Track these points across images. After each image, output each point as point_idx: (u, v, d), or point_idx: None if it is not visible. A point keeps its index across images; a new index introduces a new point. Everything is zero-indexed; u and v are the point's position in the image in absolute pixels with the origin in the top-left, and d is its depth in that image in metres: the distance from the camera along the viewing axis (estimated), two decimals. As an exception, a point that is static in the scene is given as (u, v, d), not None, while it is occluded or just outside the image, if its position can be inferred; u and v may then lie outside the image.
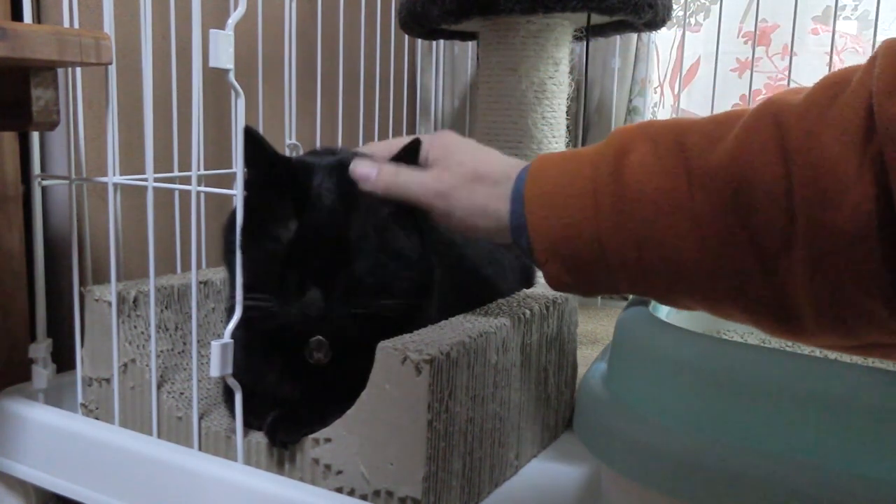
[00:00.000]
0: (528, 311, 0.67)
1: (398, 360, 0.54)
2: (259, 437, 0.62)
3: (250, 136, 0.58)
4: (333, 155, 0.64)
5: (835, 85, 0.42)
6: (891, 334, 0.43)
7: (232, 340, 0.60)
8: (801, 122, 0.42)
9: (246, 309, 0.59)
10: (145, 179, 0.68)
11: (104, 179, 0.71)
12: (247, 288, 0.59)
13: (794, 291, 0.44)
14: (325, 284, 0.57)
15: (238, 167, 0.60)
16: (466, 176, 0.56)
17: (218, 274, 0.82)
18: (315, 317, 0.56)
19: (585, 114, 1.35)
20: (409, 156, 0.61)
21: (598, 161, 0.50)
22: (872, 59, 0.41)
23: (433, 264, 0.63)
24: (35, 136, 0.77)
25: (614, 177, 0.49)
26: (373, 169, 0.59)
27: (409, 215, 0.61)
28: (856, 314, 0.43)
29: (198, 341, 0.68)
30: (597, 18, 0.98)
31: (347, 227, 0.58)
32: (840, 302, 0.43)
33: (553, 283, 0.54)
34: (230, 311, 0.60)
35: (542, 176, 0.53)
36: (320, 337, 0.60)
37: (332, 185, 0.59)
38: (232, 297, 0.60)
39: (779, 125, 0.43)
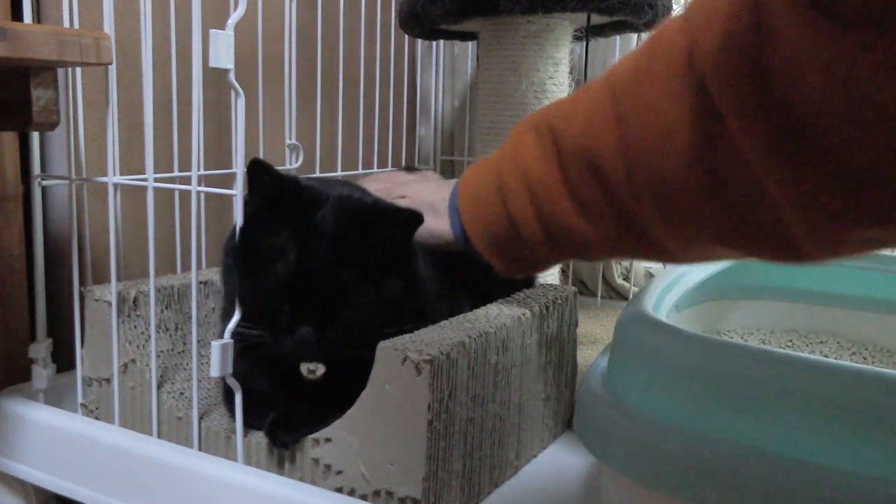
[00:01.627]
0: (528, 311, 0.67)
1: (398, 360, 0.54)
2: (259, 437, 0.62)
3: (259, 168, 0.58)
4: (339, 187, 0.64)
5: (653, 40, 0.45)
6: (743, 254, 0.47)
7: (231, 340, 0.60)
8: (628, 85, 0.46)
9: (240, 336, 0.59)
10: (145, 179, 0.68)
11: (104, 179, 0.71)
12: (241, 316, 0.59)
13: (659, 241, 0.49)
14: (317, 323, 0.57)
15: (238, 167, 0.60)
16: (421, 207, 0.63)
17: (218, 274, 0.82)
18: (306, 354, 0.57)
19: (585, 114, 1.35)
20: (405, 225, 0.60)
21: (500, 161, 0.57)
22: (685, 11, 0.44)
23: (426, 298, 0.64)
24: (35, 136, 0.77)
25: (513, 171, 0.55)
26: None
27: (406, 257, 0.61)
28: (705, 252, 0.49)
29: (198, 341, 0.68)
30: (597, 18, 0.98)
31: (345, 268, 0.57)
32: (692, 244, 0.47)
33: (503, 272, 0.61)
34: (225, 314, 0.60)
35: (466, 188, 0.61)
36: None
37: (333, 222, 0.58)
38: (227, 300, 0.61)
39: (613, 94, 0.47)
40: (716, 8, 0.39)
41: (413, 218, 0.59)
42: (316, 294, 0.57)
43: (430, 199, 0.65)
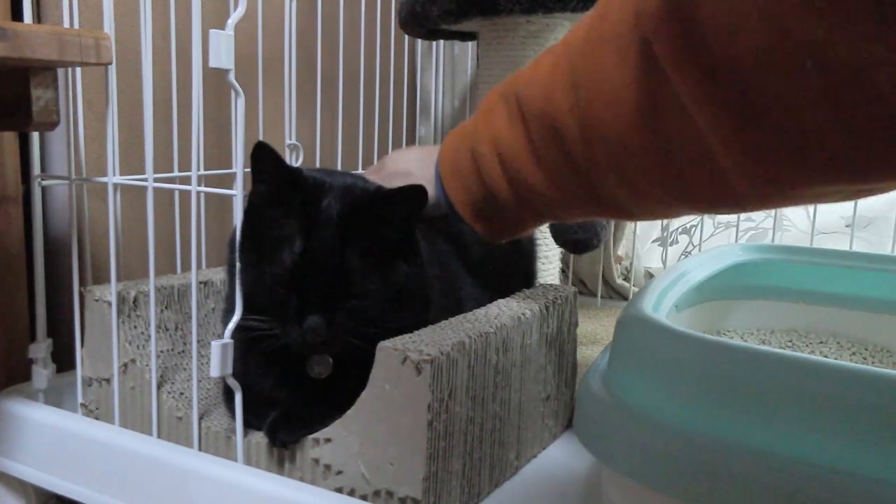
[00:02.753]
0: (528, 311, 0.67)
1: (398, 360, 0.54)
2: (259, 437, 0.62)
3: (264, 151, 0.57)
4: (341, 176, 0.64)
5: (605, 2, 0.47)
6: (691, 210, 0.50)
7: (232, 340, 0.60)
8: (582, 48, 0.48)
9: (245, 329, 0.59)
10: (145, 179, 0.68)
11: (104, 179, 0.71)
12: (245, 307, 0.59)
13: (618, 200, 0.50)
14: (325, 311, 0.57)
15: (238, 167, 0.60)
16: (398, 175, 0.65)
17: (218, 274, 0.82)
18: (315, 343, 0.57)
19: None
20: (411, 200, 0.60)
21: (474, 129, 0.59)
22: None
23: (431, 285, 0.64)
24: (35, 136, 0.77)
25: (484, 137, 0.57)
26: None
27: (412, 243, 0.61)
28: (660, 209, 0.50)
29: (198, 341, 0.68)
30: (597, 18, 0.98)
31: (352, 255, 0.57)
32: (646, 201, 0.49)
33: (485, 237, 0.61)
34: (227, 314, 0.60)
35: (446, 157, 0.61)
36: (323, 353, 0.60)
37: (339, 210, 0.58)
38: (229, 301, 0.60)
39: (569, 58, 0.49)
40: None
41: (418, 193, 0.59)
42: (323, 282, 0.57)
43: (406, 167, 0.66)
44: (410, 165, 0.65)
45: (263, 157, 0.58)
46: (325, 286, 0.57)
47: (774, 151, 0.37)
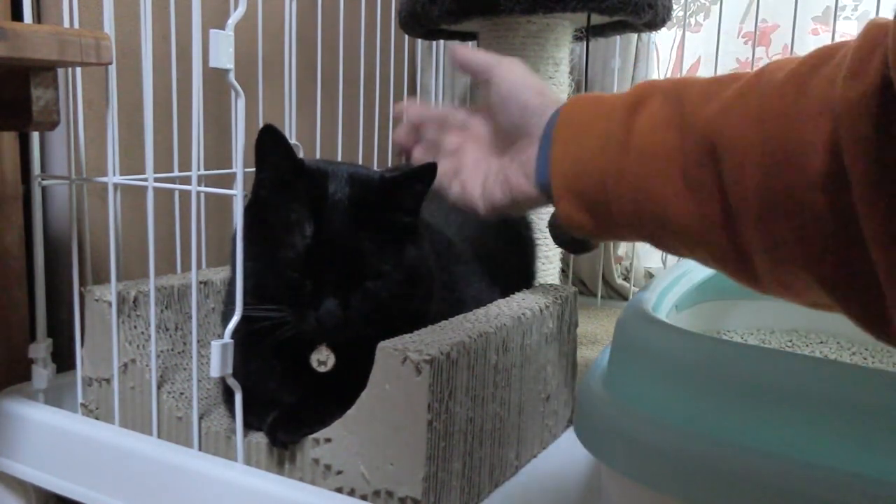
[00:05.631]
0: (528, 311, 0.67)
1: (398, 360, 0.54)
2: (259, 437, 0.62)
3: (272, 134, 0.57)
4: (343, 165, 0.64)
5: (818, 58, 0.44)
6: (832, 303, 0.46)
7: (231, 341, 0.59)
8: (780, 92, 0.44)
9: (253, 319, 0.58)
10: (145, 179, 0.68)
11: (104, 179, 0.71)
12: (254, 297, 0.58)
13: (749, 252, 0.46)
14: (341, 294, 0.57)
15: (238, 167, 0.60)
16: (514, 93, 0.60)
17: (218, 274, 0.82)
18: (331, 327, 0.56)
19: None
20: (423, 177, 0.60)
21: (616, 108, 0.53)
22: (859, 35, 0.42)
23: (432, 273, 0.64)
24: (35, 136, 0.77)
25: (625, 126, 0.52)
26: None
27: (417, 225, 0.62)
28: (797, 285, 0.46)
29: (198, 341, 0.68)
30: (597, 18, 0.98)
31: (363, 237, 0.58)
32: (782, 271, 0.45)
33: (565, 219, 0.56)
34: (226, 315, 0.60)
35: (569, 119, 0.56)
36: (325, 346, 0.60)
37: (348, 193, 0.59)
38: (229, 300, 0.60)
39: (761, 95, 0.45)
40: (873, 53, 0.38)
41: (427, 174, 0.59)
42: (338, 264, 0.57)
43: (526, 92, 0.60)
44: (531, 81, 0.61)
45: (271, 141, 0.57)
46: (340, 269, 0.57)
47: None
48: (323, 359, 0.61)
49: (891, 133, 0.36)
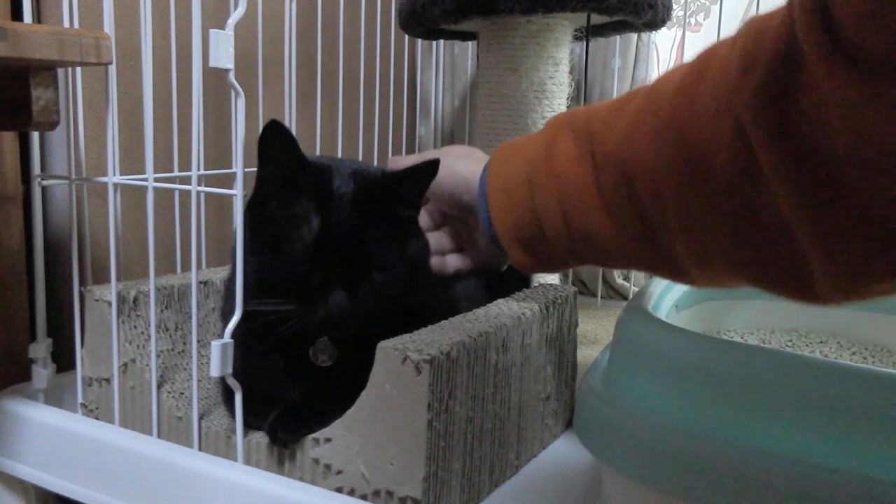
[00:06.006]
0: (528, 311, 0.67)
1: (398, 360, 0.54)
2: (259, 437, 0.62)
3: (277, 129, 0.57)
4: (345, 161, 0.65)
5: (702, 61, 0.46)
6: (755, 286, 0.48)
7: (232, 340, 0.59)
8: (671, 102, 0.46)
9: (254, 317, 0.58)
10: (145, 179, 0.68)
11: (104, 179, 0.71)
12: (258, 292, 0.59)
13: (680, 262, 0.49)
14: (349, 287, 0.57)
15: (238, 167, 0.60)
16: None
17: (218, 274, 0.82)
18: (340, 319, 0.57)
19: (585, 114, 1.35)
20: (426, 173, 0.61)
21: (533, 153, 0.57)
22: (735, 35, 0.45)
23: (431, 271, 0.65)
24: (35, 136, 0.77)
25: (544, 166, 0.56)
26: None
27: (416, 221, 0.63)
28: (723, 280, 0.49)
29: (198, 341, 0.68)
30: (597, 18, 0.98)
31: (369, 231, 0.58)
32: (712, 270, 0.48)
33: (518, 265, 0.61)
34: (225, 314, 0.60)
35: (496, 176, 0.60)
36: (326, 339, 0.60)
37: (352, 188, 0.59)
38: (229, 298, 0.60)
39: (655, 111, 0.48)
40: (760, 46, 0.40)
41: (429, 165, 0.60)
42: (344, 258, 0.57)
43: (461, 153, 0.66)
44: (444, 170, 0.64)
45: (277, 136, 0.58)
46: (347, 261, 0.57)
47: (859, 247, 0.37)
48: (324, 352, 0.61)
49: (798, 108, 0.37)
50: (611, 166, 0.50)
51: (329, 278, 0.57)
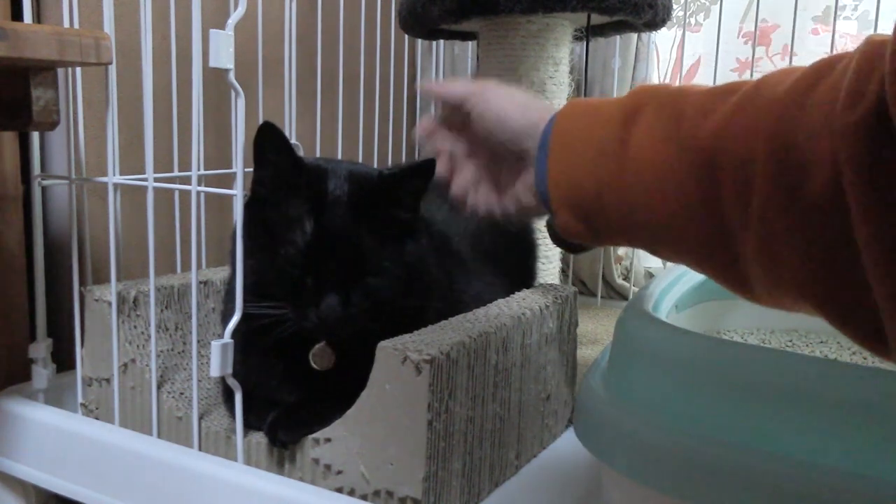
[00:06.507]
0: (528, 311, 0.67)
1: (398, 360, 0.54)
2: (259, 437, 0.62)
3: (270, 131, 0.57)
4: (342, 163, 0.64)
5: (817, 71, 0.43)
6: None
7: (231, 341, 0.59)
8: (781, 107, 0.44)
9: (253, 317, 0.58)
10: (145, 179, 0.68)
11: (104, 179, 0.71)
12: (254, 294, 0.58)
13: (746, 267, 0.46)
14: (342, 291, 0.57)
15: (238, 167, 0.60)
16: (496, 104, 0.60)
17: (218, 274, 0.82)
18: (332, 323, 0.56)
19: (585, 114, 1.35)
20: (423, 173, 0.60)
21: (611, 119, 0.53)
22: (857, 52, 0.42)
23: (430, 271, 0.64)
24: (35, 136, 0.77)
25: (621, 138, 0.51)
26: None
27: (417, 221, 0.62)
28: (787, 300, 0.46)
29: (198, 341, 0.68)
30: (597, 18, 0.98)
31: (363, 233, 0.58)
32: (778, 289, 0.45)
33: (563, 227, 0.56)
34: (225, 314, 0.60)
35: (564, 125, 0.56)
36: (324, 344, 0.60)
37: (347, 190, 0.59)
38: (229, 299, 0.60)
39: (758, 108, 0.45)
40: (869, 79, 0.38)
41: (426, 169, 0.59)
42: (338, 260, 0.57)
43: (510, 105, 0.60)
44: (513, 105, 0.60)
45: (270, 138, 0.58)
46: (340, 265, 0.57)
47: None
48: (322, 356, 0.61)
49: (884, 157, 0.36)
50: (697, 152, 0.47)
51: (322, 282, 0.57)
